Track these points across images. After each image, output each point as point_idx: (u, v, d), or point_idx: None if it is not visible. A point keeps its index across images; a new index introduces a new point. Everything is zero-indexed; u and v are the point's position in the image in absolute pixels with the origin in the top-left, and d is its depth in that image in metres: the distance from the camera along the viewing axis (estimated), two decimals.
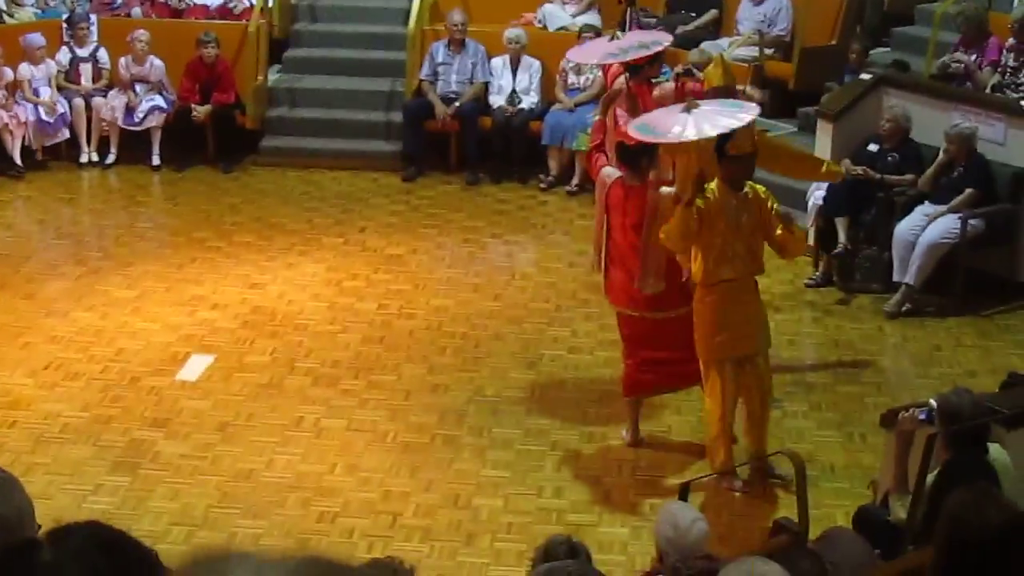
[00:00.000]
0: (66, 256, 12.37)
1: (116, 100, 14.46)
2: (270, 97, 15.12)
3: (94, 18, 14.93)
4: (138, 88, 14.49)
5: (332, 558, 2.97)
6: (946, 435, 6.61)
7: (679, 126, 8.13)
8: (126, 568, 2.88)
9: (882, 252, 11.46)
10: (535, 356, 10.42)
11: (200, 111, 14.39)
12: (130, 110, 14.42)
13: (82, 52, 14.65)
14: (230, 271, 11.87)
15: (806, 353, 10.71)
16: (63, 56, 14.63)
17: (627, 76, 9.71)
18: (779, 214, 8.48)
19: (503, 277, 12.00)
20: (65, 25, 14.84)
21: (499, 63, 14.53)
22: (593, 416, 9.51)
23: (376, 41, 15.56)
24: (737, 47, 13.93)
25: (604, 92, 11.24)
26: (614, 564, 7.76)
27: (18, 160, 14.16)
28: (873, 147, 11.75)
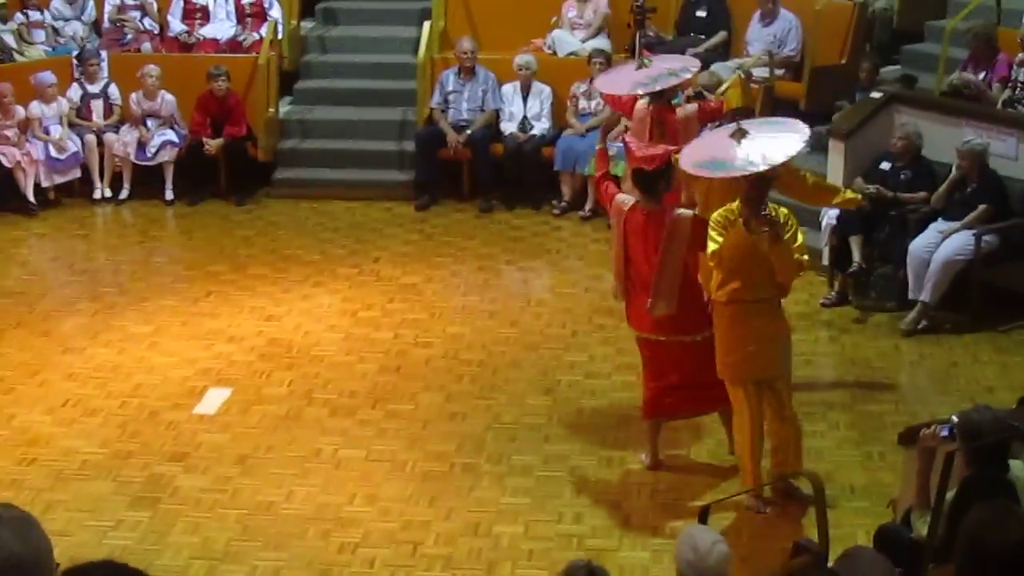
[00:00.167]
0: (81, 292, 12.38)
1: (128, 136, 14.52)
2: (282, 129, 15.16)
3: (104, 54, 15.00)
4: (150, 123, 14.56)
5: None
6: (967, 452, 6.59)
7: (743, 156, 8.14)
8: None
9: (897, 270, 11.45)
10: (552, 382, 10.41)
11: (212, 144, 14.44)
12: (142, 145, 14.49)
13: (93, 88, 14.72)
14: (245, 304, 11.89)
15: (823, 372, 10.69)
16: (74, 92, 14.70)
17: (649, 101, 9.72)
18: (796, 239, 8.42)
19: (518, 303, 12.01)
20: (76, 62, 14.91)
21: (509, 90, 14.56)
22: (612, 440, 9.49)
23: (386, 71, 15.61)
24: (746, 68, 13.91)
25: (612, 116, 11.28)
26: None
27: (31, 197, 14.22)
28: (885, 165, 11.74)
